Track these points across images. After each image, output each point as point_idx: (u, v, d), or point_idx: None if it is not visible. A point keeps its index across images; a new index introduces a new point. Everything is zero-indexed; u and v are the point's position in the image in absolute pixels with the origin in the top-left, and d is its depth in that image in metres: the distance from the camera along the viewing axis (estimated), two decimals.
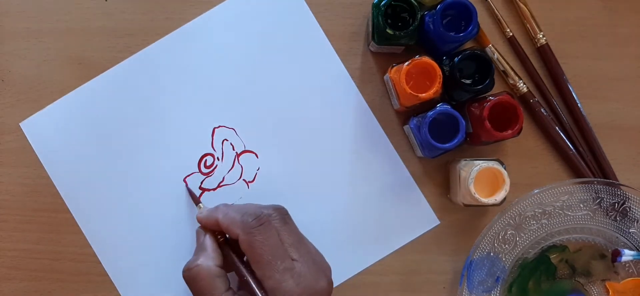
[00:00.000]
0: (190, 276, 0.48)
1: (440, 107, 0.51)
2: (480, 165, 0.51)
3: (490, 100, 0.50)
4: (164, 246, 0.56)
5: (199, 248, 0.50)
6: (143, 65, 0.56)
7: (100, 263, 0.55)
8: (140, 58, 0.56)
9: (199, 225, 0.52)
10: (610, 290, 0.55)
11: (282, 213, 0.48)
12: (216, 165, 0.56)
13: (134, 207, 0.56)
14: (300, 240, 0.48)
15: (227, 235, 0.50)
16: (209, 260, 0.48)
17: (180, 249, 0.56)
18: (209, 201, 0.56)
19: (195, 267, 0.48)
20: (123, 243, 0.56)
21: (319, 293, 0.47)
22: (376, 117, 0.56)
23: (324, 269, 0.48)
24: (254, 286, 0.46)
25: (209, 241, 0.50)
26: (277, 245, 0.46)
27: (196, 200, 0.55)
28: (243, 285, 0.48)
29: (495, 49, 0.56)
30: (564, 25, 0.57)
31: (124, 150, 0.56)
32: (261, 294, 0.46)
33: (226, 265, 0.49)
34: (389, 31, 0.51)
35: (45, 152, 0.56)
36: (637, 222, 0.55)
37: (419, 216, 0.56)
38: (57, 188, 0.56)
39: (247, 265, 0.48)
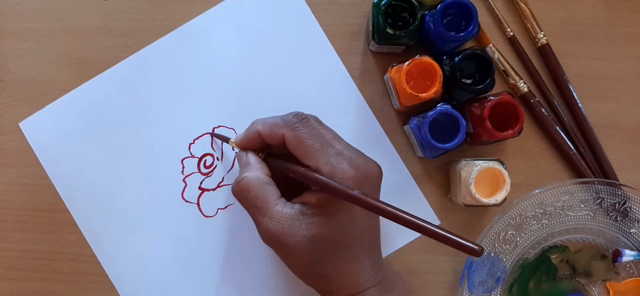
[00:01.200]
0: (239, 188, 0.47)
1: (440, 107, 0.51)
2: (480, 165, 0.51)
3: (490, 100, 0.50)
4: (163, 246, 0.56)
5: (243, 165, 0.49)
6: (143, 65, 0.56)
7: (100, 263, 0.55)
8: (140, 58, 0.56)
9: (238, 149, 0.51)
10: (611, 291, 0.55)
11: (316, 118, 0.48)
12: (216, 165, 0.56)
13: (134, 206, 0.56)
14: (338, 137, 0.48)
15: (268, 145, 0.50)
16: (256, 170, 0.48)
17: (180, 249, 0.56)
18: (209, 201, 0.56)
19: (244, 179, 0.47)
20: (122, 243, 0.55)
21: (372, 176, 0.47)
22: (376, 117, 0.56)
23: (370, 158, 0.48)
24: (312, 173, 0.45)
25: (251, 156, 0.49)
26: (322, 135, 0.47)
27: (226, 139, 0.54)
28: (297, 182, 0.47)
29: (496, 49, 0.56)
30: (565, 25, 0.56)
31: (123, 149, 0.56)
32: (322, 177, 0.45)
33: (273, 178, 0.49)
34: (389, 31, 0.51)
35: (45, 151, 0.56)
36: (638, 222, 0.55)
37: (419, 216, 0.56)
38: (57, 188, 0.56)
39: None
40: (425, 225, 0.42)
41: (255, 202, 0.47)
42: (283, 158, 0.49)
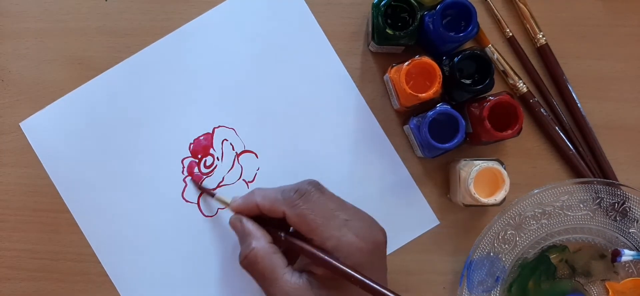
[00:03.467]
0: (249, 262, 0.47)
1: (440, 107, 0.51)
2: (480, 165, 0.51)
3: (490, 100, 0.50)
4: (163, 246, 0.56)
5: (244, 234, 0.49)
6: (143, 65, 0.56)
7: (100, 263, 0.55)
8: (140, 58, 0.56)
9: (232, 214, 0.51)
10: (610, 290, 0.55)
11: (316, 185, 0.48)
12: (216, 165, 0.56)
13: (134, 206, 0.56)
14: (343, 203, 0.48)
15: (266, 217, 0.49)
16: (261, 240, 0.47)
17: (180, 249, 0.56)
18: (209, 201, 0.56)
19: (252, 251, 0.47)
20: (123, 243, 0.56)
21: (378, 244, 0.47)
22: (376, 117, 0.56)
23: (374, 222, 0.48)
24: (314, 250, 0.46)
25: (250, 224, 0.49)
26: (325, 209, 0.46)
27: (210, 193, 0.54)
28: (304, 255, 0.47)
29: (495, 49, 0.56)
30: (564, 25, 0.57)
31: (123, 150, 0.56)
32: (323, 255, 0.45)
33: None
34: (389, 31, 0.51)
35: (45, 152, 0.56)
36: (637, 222, 0.55)
37: (419, 216, 0.56)
38: (57, 188, 0.56)
39: (295, 237, 0.48)
40: None
41: (265, 273, 0.46)
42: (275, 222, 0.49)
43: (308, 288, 0.45)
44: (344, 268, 0.44)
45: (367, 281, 0.44)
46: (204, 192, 0.55)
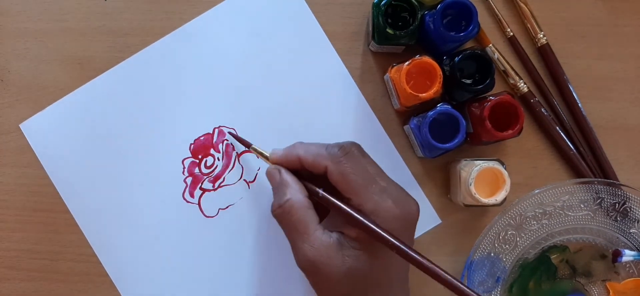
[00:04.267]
0: (283, 211, 0.47)
1: (440, 107, 0.51)
2: (480, 165, 0.51)
3: (490, 100, 0.50)
4: (164, 247, 0.56)
5: (281, 185, 0.48)
6: (143, 65, 0.56)
7: (100, 263, 0.55)
8: (140, 58, 0.56)
9: (270, 166, 0.50)
10: (610, 291, 0.55)
11: (358, 147, 0.48)
12: (216, 165, 0.56)
13: (134, 206, 0.56)
14: (381, 170, 0.48)
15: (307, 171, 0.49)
16: (298, 192, 0.47)
17: (180, 249, 0.56)
18: (209, 201, 0.56)
19: (287, 202, 0.46)
20: (123, 243, 0.55)
21: (412, 215, 0.47)
22: (376, 117, 0.56)
23: (410, 195, 0.48)
24: (351, 211, 0.45)
25: (289, 176, 0.48)
26: (366, 172, 0.46)
27: (247, 143, 0.54)
28: (338, 216, 0.47)
29: (496, 49, 0.56)
30: (565, 25, 0.56)
31: (123, 150, 0.56)
32: (361, 216, 0.45)
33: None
34: (389, 31, 0.51)
35: (46, 152, 0.56)
36: (638, 222, 0.55)
37: (421, 215, 0.56)
38: (57, 188, 0.56)
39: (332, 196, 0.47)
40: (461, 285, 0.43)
41: (298, 226, 0.46)
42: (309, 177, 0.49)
43: (338, 248, 0.45)
44: (382, 231, 0.44)
45: (403, 247, 0.44)
46: (242, 143, 0.54)
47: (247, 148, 0.54)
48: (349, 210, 0.46)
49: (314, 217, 0.46)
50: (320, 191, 0.47)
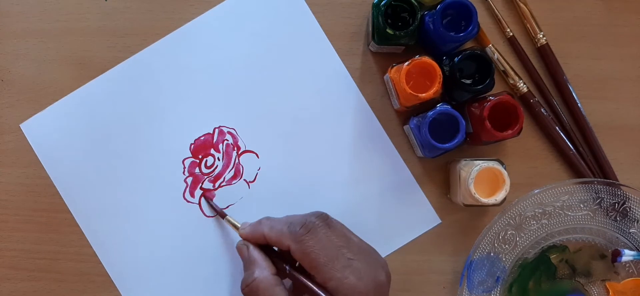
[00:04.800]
0: (250, 290, 0.47)
1: (440, 107, 0.51)
2: (480, 165, 0.51)
3: (490, 100, 0.50)
4: (164, 246, 0.56)
5: (249, 262, 0.49)
6: (143, 65, 0.56)
7: (101, 263, 0.55)
8: (140, 58, 0.56)
9: (240, 240, 0.51)
10: (610, 290, 0.55)
11: (324, 219, 0.48)
12: (217, 166, 0.56)
13: (134, 206, 0.56)
14: (350, 239, 0.48)
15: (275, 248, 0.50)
16: (264, 270, 0.48)
17: (181, 249, 0.56)
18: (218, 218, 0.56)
19: (254, 281, 0.47)
20: (124, 243, 0.56)
21: (380, 286, 0.47)
22: (376, 117, 0.56)
23: (381, 263, 0.48)
24: (315, 288, 0.46)
25: (256, 253, 0.49)
26: (330, 247, 0.46)
27: (222, 213, 0.55)
28: (300, 291, 0.48)
29: (496, 49, 0.56)
30: (564, 25, 0.57)
31: (124, 150, 0.56)
32: (324, 293, 0.46)
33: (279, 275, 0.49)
34: (389, 31, 0.51)
35: (46, 152, 0.56)
36: (638, 222, 0.55)
37: (420, 215, 0.56)
38: (57, 188, 0.56)
39: (300, 272, 0.48)
40: None
41: None
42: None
43: None
44: None
45: None
46: (217, 212, 0.55)
47: (221, 218, 0.55)
48: (311, 285, 0.46)
49: (282, 293, 0.47)
50: (288, 268, 0.48)
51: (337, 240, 0.47)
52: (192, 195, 0.56)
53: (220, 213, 0.55)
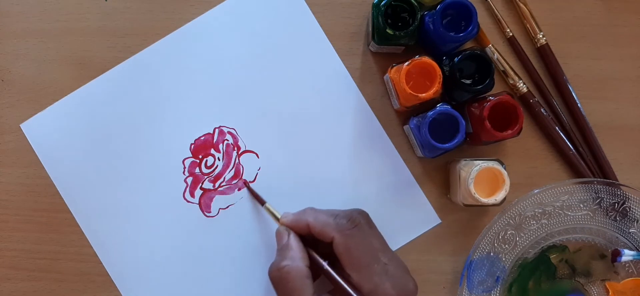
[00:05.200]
0: (279, 276, 0.47)
1: (440, 107, 0.51)
2: (480, 165, 0.51)
3: (490, 100, 0.50)
4: (164, 246, 0.56)
5: (285, 248, 0.48)
6: (143, 65, 0.56)
7: (101, 263, 0.55)
8: (140, 58, 0.56)
9: (280, 225, 0.51)
10: (610, 290, 0.55)
11: (366, 217, 0.48)
12: (217, 165, 0.56)
13: (135, 206, 0.56)
14: (385, 244, 0.48)
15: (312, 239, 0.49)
16: (298, 260, 0.47)
17: (181, 249, 0.56)
18: (210, 201, 0.56)
19: (285, 267, 0.47)
20: (124, 243, 0.56)
21: (410, 295, 0.47)
22: (376, 117, 0.56)
23: (407, 270, 0.49)
24: (350, 290, 0.46)
25: (295, 241, 0.49)
26: (371, 248, 0.47)
27: (261, 201, 0.54)
28: (334, 289, 0.47)
29: (495, 49, 0.56)
30: (564, 25, 0.57)
31: (124, 150, 0.56)
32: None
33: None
34: (389, 31, 0.51)
35: (46, 152, 0.56)
36: (637, 222, 0.55)
37: (420, 215, 0.56)
38: (57, 188, 0.56)
39: (334, 269, 0.48)
40: None
41: (292, 294, 0.46)
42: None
43: None
44: None
45: None
46: (257, 199, 0.55)
47: (261, 204, 0.54)
48: (349, 290, 0.46)
49: (309, 288, 0.46)
50: (325, 264, 0.48)
51: (376, 242, 0.47)
52: (192, 195, 0.56)
53: (260, 200, 0.54)
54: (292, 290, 0.46)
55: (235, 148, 0.56)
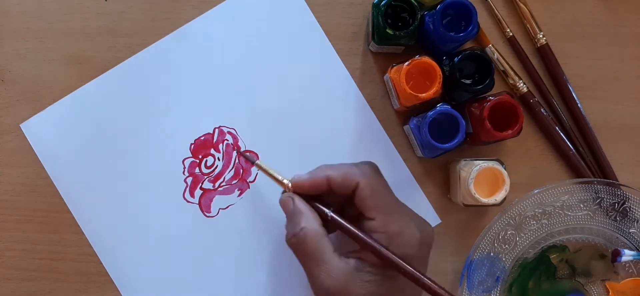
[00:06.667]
0: (298, 240, 0.46)
1: (440, 107, 0.51)
2: (480, 165, 0.51)
3: (490, 100, 0.50)
4: (164, 246, 0.56)
5: (294, 213, 0.47)
6: (143, 65, 0.56)
7: (101, 263, 0.55)
8: (140, 58, 0.56)
9: (284, 192, 0.49)
10: (610, 290, 0.55)
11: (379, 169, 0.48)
12: (217, 165, 0.56)
13: (135, 207, 0.56)
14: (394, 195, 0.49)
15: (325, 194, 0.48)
16: (312, 221, 0.46)
17: (181, 249, 0.56)
18: (210, 201, 0.56)
19: (301, 230, 0.46)
20: (124, 243, 0.56)
21: (430, 239, 0.48)
22: (376, 117, 0.56)
23: (428, 222, 0.49)
24: (365, 237, 0.45)
25: (303, 204, 0.48)
26: (392, 193, 0.47)
27: (253, 159, 0.53)
28: (354, 240, 0.47)
29: (495, 49, 0.56)
30: (564, 25, 0.57)
31: (124, 150, 0.56)
32: (374, 243, 0.45)
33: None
34: (389, 31, 0.51)
35: (46, 152, 0.56)
36: (637, 222, 0.55)
37: (420, 215, 0.56)
38: (57, 188, 0.56)
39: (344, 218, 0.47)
40: None
41: (314, 255, 0.46)
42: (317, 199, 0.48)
43: (355, 275, 0.45)
44: (396, 259, 0.44)
45: (419, 275, 0.44)
46: (262, 170, 0.51)
47: (265, 172, 0.51)
48: (362, 235, 0.46)
49: (328, 244, 0.46)
50: (330, 213, 0.47)
51: (391, 191, 0.48)
52: (192, 195, 0.56)
53: (265, 172, 0.51)
54: (313, 251, 0.46)
55: (235, 148, 0.56)
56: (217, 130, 0.56)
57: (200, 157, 0.56)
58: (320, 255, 0.45)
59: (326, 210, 0.48)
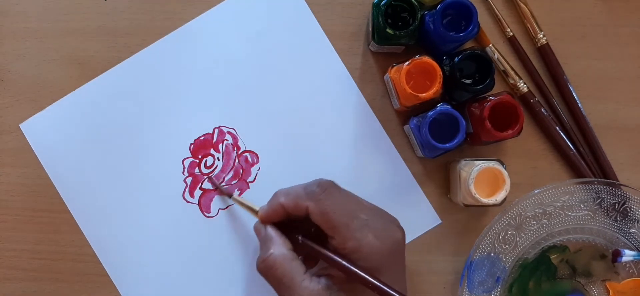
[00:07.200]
0: (266, 266, 0.47)
1: (440, 107, 0.51)
2: (480, 165, 0.51)
3: (490, 100, 0.50)
4: (164, 247, 0.56)
5: (265, 239, 0.48)
6: (143, 65, 0.56)
7: (100, 263, 0.55)
8: (140, 58, 0.56)
9: (258, 220, 0.50)
10: (610, 290, 0.55)
11: (335, 184, 0.48)
12: (216, 165, 0.56)
13: (134, 207, 0.56)
14: (360, 201, 0.48)
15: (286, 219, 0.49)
16: (280, 246, 0.47)
17: (180, 249, 0.56)
18: (209, 201, 0.56)
19: (270, 256, 0.46)
20: (123, 243, 0.56)
21: (396, 243, 0.47)
22: (376, 117, 0.56)
23: (392, 220, 0.48)
24: (331, 255, 0.46)
25: (272, 230, 0.48)
26: (346, 207, 0.46)
27: (229, 193, 0.54)
28: (316, 261, 0.47)
29: (496, 49, 0.56)
30: (565, 25, 0.57)
31: (123, 150, 0.56)
32: (339, 259, 0.45)
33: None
34: (389, 31, 0.51)
35: (46, 152, 0.56)
36: (638, 222, 0.55)
37: (421, 215, 0.56)
38: (57, 188, 0.56)
39: (315, 241, 0.47)
40: None
41: (283, 280, 0.46)
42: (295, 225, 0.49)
43: (325, 293, 0.45)
44: (361, 273, 0.44)
45: (384, 287, 0.44)
46: (232, 199, 0.54)
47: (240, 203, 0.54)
48: (325, 252, 0.46)
49: (299, 267, 0.46)
50: (300, 237, 0.48)
51: (350, 201, 0.47)
52: (192, 195, 0.56)
53: (227, 194, 0.54)
54: (282, 276, 0.46)
55: (235, 148, 0.56)
56: (216, 130, 0.56)
57: (199, 157, 0.56)
58: (290, 279, 0.46)
59: (296, 236, 0.48)
